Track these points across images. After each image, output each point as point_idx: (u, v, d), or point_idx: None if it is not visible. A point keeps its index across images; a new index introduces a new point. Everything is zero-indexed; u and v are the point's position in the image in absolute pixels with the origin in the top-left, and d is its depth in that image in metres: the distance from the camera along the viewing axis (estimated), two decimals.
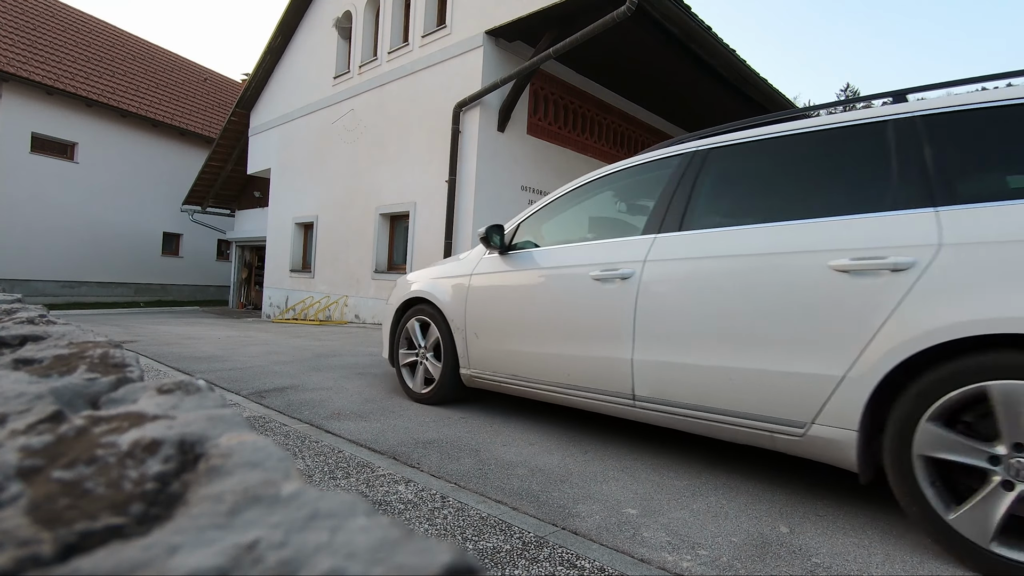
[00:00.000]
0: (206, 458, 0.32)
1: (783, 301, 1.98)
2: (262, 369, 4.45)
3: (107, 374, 0.50)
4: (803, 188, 2.21)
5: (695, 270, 2.26)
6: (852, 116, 2.10)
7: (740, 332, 2.08)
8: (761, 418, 2.02)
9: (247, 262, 15.15)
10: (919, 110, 1.93)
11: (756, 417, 2.04)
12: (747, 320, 2.07)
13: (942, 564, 1.61)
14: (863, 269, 1.80)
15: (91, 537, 0.25)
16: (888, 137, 1.96)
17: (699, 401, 2.18)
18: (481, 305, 3.08)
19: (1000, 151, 1.82)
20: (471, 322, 3.11)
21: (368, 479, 2.12)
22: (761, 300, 2.04)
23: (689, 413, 2.22)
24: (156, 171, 16.52)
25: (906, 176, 1.86)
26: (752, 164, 2.38)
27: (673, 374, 2.25)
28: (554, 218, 3.06)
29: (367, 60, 9.48)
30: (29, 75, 13.30)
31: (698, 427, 2.23)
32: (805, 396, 1.90)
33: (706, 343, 2.17)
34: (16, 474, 0.30)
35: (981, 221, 1.67)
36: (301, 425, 2.84)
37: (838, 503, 2.04)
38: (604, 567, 1.52)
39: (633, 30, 6.23)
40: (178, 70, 19.59)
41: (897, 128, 1.95)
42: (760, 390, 2.02)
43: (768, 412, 2.00)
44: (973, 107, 1.83)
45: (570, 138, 8.46)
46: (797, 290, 1.95)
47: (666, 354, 2.27)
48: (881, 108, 2.05)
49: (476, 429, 2.88)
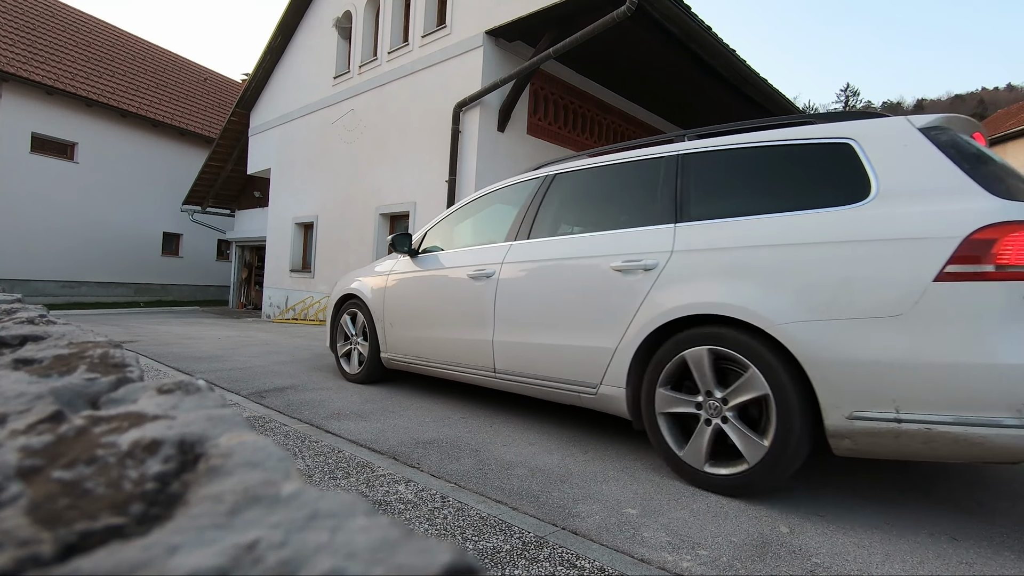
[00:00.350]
0: (206, 458, 0.32)
1: (582, 293, 2.62)
2: (262, 369, 4.45)
3: (107, 374, 0.50)
4: (602, 207, 2.90)
5: (530, 270, 2.90)
6: (639, 153, 2.75)
7: (556, 318, 2.71)
8: (572, 382, 2.63)
9: (247, 262, 15.14)
10: (679, 150, 2.58)
11: (569, 382, 2.65)
12: (560, 308, 2.70)
13: (942, 564, 1.61)
14: (628, 269, 2.44)
15: (91, 537, 0.25)
16: (660, 170, 2.61)
17: (534, 371, 2.80)
18: (394, 300, 3.70)
19: (715, 183, 2.44)
20: (387, 314, 3.73)
21: (368, 479, 2.12)
22: (569, 293, 2.68)
23: (529, 381, 2.84)
24: (156, 171, 16.51)
25: (664, 199, 2.51)
26: (577, 188, 3.02)
27: (517, 351, 2.88)
28: (452, 226, 3.67)
29: (367, 60, 9.48)
30: (29, 75, 13.30)
31: (537, 392, 2.83)
32: (596, 364, 2.51)
33: (536, 327, 2.80)
34: (16, 474, 0.30)
35: (695, 234, 2.31)
36: (301, 425, 2.84)
37: (838, 503, 2.04)
38: (604, 567, 1.52)
39: (633, 30, 6.23)
40: (178, 70, 19.58)
41: (665, 163, 2.60)
42: (570, 361, 2.63)
43: (576, 377, 2.61)
44: (704, 150, 2.50)
45: (570, 138, 8.46)
46: (590, 285, 2.59)
47: (513, 336, 2.89)
48: (660, 148, 2.69)
49: (476, 429, 2.88)
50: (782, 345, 1.95)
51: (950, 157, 1.91)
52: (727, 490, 2.06)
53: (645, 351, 2.34)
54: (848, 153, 2.09)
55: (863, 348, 1.81)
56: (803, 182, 2.20)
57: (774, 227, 2.11)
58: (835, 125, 2.19)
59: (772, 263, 2.05)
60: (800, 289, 1.96)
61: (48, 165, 14.20)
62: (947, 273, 1.73)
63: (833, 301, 1.88)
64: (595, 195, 2.94)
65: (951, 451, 1.73)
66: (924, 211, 1.85)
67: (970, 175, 1.86)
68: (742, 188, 2.36)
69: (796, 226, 2.06)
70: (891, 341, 1.77)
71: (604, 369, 2.47)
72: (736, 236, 2.19)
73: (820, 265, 1.95)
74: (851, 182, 2.04)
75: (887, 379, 1.77)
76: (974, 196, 1.81)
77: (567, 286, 2.69)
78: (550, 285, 2.77)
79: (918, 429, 1.73)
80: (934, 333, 1.73)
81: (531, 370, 2.81)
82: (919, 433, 1.73)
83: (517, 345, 2.86)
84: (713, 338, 2.11)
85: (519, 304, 2.88)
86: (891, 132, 2.07)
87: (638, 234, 2.49)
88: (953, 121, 2.10)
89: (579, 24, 6.09)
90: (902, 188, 1.93)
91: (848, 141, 2.12)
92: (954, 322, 1.71)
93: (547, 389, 2.75)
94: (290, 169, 11.47)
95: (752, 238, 2.14)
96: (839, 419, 1.84)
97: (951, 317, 1.72)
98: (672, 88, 8.53)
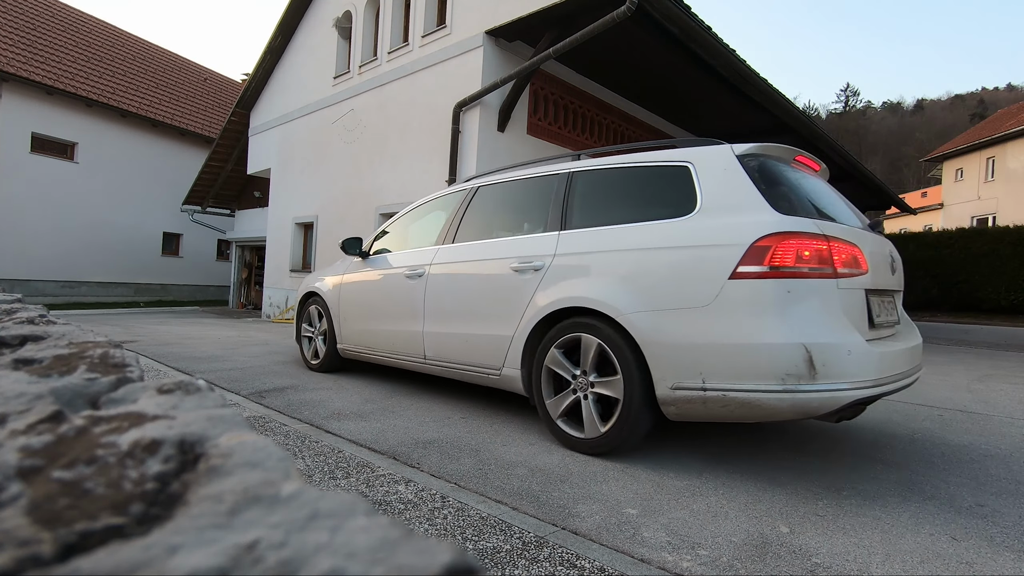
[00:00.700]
0: (206, 458, 0.32)
1: (489, 290, 3.07)
2: (262, 369, 4.45)
3: (107, 374, 0.50)
4: (512, 216, 3.38)
5: (452, 270, 3.33)
6: (543, 169, 3.18)
7: (470, 311, 3.15)
8: (483, 366, 3.07)
9: (247, 262, 15.13)
10: (571, 168, 2.98)
11: (481, 365, 3.08)
12: (473, 303, 3.15)
13: (942, 564, 1.61)
14: (522, 269, 2.89)
15: (91, 537, 0.25)
16: (555, 185, 3.02)
17: (455, 357, 3.24)
18: (347, 297, 4.15)
19: (591, 197, 2.85)
20: (342, 310, 4.18)
21: (368, 479, 2.12)
22: (479, 290, 3.13)
23: (451, 365, 3.26)
24: (156, 171, 16.49)
25: (555, 210, 2.93)
26: (495, 199, 3.47)
27: (442, 340, 3.31)
28: (398, 231, 4.11)
29: (367, 60, 9.47)
30: (29, 75, 13.29)
31: (458, 375, 3.25)
32: (499, 350, 2.95)
33: (455, 319, 3.24)
34: (16, 474, 0.30)
35: (571, 240, 2.75)
36: (301, 425, 2.84)
37: (838, 503, 2.04)
38: (604, 567, 1.52)
39: (633, 30, 6.23)
40: (178, 70, 19.57)
41: (558, 179, 3.02)
42: (480, 348, 3.07)
43: (485, 361, 3.05)
44: (585, 169, 2.92)
45: (570, 138, 8.45)
46: (495, 283, 3.04)
47: (439, 327, 3.34)
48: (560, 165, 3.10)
49: (476, 429, 2.88)
50: (628, 332, 2.37)
51: (753, 180, 2.33)
52: (575, 445, 2.56)
53: (535, 338, 2.79)
54: (686, 174, 2.52)
55: (681, 333, 2.24)
56: (653, 197, 2.66)
57: (626, 234, 2.56)
58: (681, 151, 2.63)
59: (623, 264, 2.50)
60: (641, 285, 2.40)
61: (48, 165, 14.18)
62: (739, 272, 2.14)
63: (663, 295, 2.32)
64: (507, 205, 3.43)
65: (743, 413, 2.13)
66: (727, 223, 2.27)
67: (764, 194, 2.27)
68: (609, 202, 2.81)
69: (641, 233, 2.50)
70: (699, 327, 2.20)
71: (505, 353, 2.92)
72: (598, 242, 2.64)
73: (656, 265, 2.39)
74: (684, 198, 2.47)
75: (697, 357, 2.19)
76: (762, 211, 2.22)
77: (478, 284, 3.16)
78: (466, 283, 3.24)
79: (717, 396, 2.14)
80: (728, 320, 2.15)
81: (452, 356, 3.25)
82: (718, 399, 2.15)
83: (441, 335, 3.32)
84: (582, 326, 2.55)
85: (443, 299, 3.33)
86: (717, 157, 2.48)
87: (532, 240, 2.93)
88: (769, 149, 2.53)
89: (579, 24, 6.08)
90: (716, 204, 2.37)
91: (687, 164, 2.55)
92: (741, 311, 2.13)
93: (465, 372, 3.19)
94: (290, 169, 11.46)
95: (610, 244, 2.59)
96: (665, 390, 2.26)
97: (740, 307, 2.13)
98: (672, 88, 8.52)
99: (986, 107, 54.93)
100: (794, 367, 2.01)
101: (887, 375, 2.16)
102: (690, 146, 2.65)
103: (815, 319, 2.07)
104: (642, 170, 2.74)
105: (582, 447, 2.51)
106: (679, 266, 2.31)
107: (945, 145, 27.88)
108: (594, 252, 2.63)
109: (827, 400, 2.01)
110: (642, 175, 2.73)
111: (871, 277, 2.32)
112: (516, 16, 6.66)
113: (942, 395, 4.17)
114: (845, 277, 2.18)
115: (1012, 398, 4.14)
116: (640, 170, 2.74)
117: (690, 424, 3.07)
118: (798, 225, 2.16)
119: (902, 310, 2.80)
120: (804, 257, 2.11)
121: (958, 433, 3.07)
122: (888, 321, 2.49)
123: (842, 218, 2.50)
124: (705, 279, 2.21)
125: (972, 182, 24.08)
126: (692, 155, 2.56)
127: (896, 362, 2.25)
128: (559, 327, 2.66)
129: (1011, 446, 2.84)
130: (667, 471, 2.32)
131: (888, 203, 14.70)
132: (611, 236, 2.60)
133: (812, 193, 2.52)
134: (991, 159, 23.15)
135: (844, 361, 2.03)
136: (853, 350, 2.06)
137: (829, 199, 2.63)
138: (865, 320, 2.27)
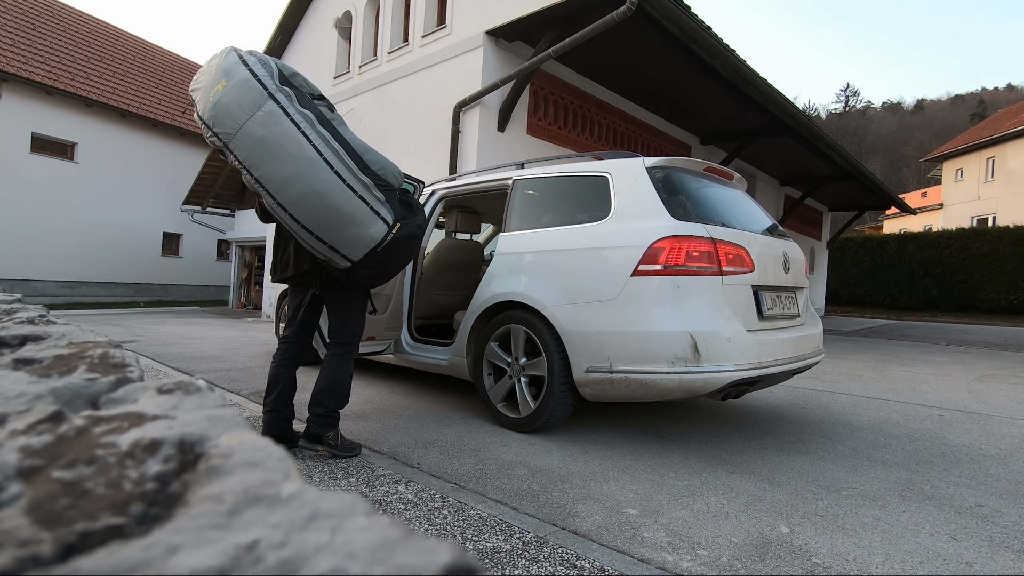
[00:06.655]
0: (206, 458, 0.32)
1: None
2: (262, 369, 4.44)
3: (107, 374, 0.50)
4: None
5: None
6: (495, 176, 3.48)
7: None
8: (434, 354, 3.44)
9: (247, 262, 15.12)
10: (515, 176, 3.29)
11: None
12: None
13: (942, 564, 1.61)
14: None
15: (91, 537, 0.25)
16: (503, 190, 3.34)
17: None
18: None
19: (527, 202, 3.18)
20: None
21: (368, 479, 2.12)
22: None
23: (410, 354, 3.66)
24: (156, 171, 16.49)
25: (506, 214, 3.22)
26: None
27: None
28: None
29: (367, 60, 9.47)
30: (29, 75, 13.29)
31: (414, 362, 3.60)
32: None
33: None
34: (16, 474, 0.30)
35: (509, 241, 3.11)
36: (301, 425, 2.84)
37: (838, 503, 2.04)
38: (604, 567, 1.52)
39: (633, 30, 6.23)
40: (178, 70, 19.57)
41: (508, 187, 3.31)
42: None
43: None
44: (524, 177, 3.23)
45: (570, 138, 8.45)
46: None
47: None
48: (508, 172, 3.38)
49: (476, 429, 2.88)
50: (551, 322, 2.68)
51: (657, 189, 2.62)
52: (512, 425, 2.88)
53: (478, 329, 3.11)
54: (604, 183, 2.82)
55: (593, 323, 2.54)
56: (578, 204, 2.94)
57: (551, 236, 2.89)
58: (604, 162, 2.92)
59: (548, 263, 2.84)
60: (562, 282, 2.72)
61: (48, 165, 14.18)
62: (639, 270, 2.46)
63: (580, 290, 2.63)
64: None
65: (643, 392, 2.44)
66: (632, 227, 2.58)
67: (664, 203, 2.57)
68: (541, 207, 3.13)
69: (565, 235, 2.83)
70: (607, 318, 2.51)
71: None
72: (529, 243, 2.98)
73: (574, 264, 2.71)
74: (602, 205, 2.77)
75: (605, 344, 2.49)
76: (661, 217, 2.53)
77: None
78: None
79: (621, 378, 2.45)
80: (630, 312, 2.46)
81: None
82: (623, 380, 2.45)
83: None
84: (515, 318, 2.88)
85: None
86: (630, 169, 2.77)
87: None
88: (676, 162, 2.83)
89: (579, 24, 6.08)
90: (625, 210, 2.68)
91: (606, 174, 2.84)
92: (641, 304, 2.45)
93: (420, 359, 3.54)
94: None
95: (539, 244, 2.92)
96: (581, 373, 2.57)
97: (639, 301, 2.45)
98: (672, 88, 8.52)
99: (986, 107, 54.90)
100: (682, 352, 2.32)
101: (767, 360, 2.47)
102: (612, 158, 2.94)
103: (700, 310, 2.39)
104: (571, 179, 3.03)
105: (519, 424, 2.83)
106: (593, 265, 2.64)
107: (945, 145, 27.87)
108: (526, 252, 2.97)
109: (710, 380, 2.32)
110: (570, 184, 3.03)
111: (758, 275, 2.63)
112: (516, 16, 6.66)
113: (942, 395, 4.17)
114: (730, 275, 2.49)
115: (1012, 398, 4.14)
116: (569, 179, 3.04)
117: (690, 425, 3.07)
118: (688, 229, 2.47)
119: (807, 305, 3.16)
120: (693, 256, 2.42)
121: (958, 433, 3.07)
122: (784, 314, 2.82)
123: (742, 223, 2.80)
124: (612, 276, 2.53)
125: (972, 182, 24.07)
126: (611, 167, 2.85)
127: (778, 349, 2.56)
128: (496, 320, 2.98)
129: (1011, 446, 2.84)
130: (667, 471, 2.32)
131: (888, 203, 14.69)
132: (541, 238, 2.94)
133: (714, 201, 2.85)
134: (991, 159, 23.14)
135: (724, 347, 2.34)
136: (732, 337, 2.37)
137: (733, 206, 2.94)
138: (753, 312, 2.58)
